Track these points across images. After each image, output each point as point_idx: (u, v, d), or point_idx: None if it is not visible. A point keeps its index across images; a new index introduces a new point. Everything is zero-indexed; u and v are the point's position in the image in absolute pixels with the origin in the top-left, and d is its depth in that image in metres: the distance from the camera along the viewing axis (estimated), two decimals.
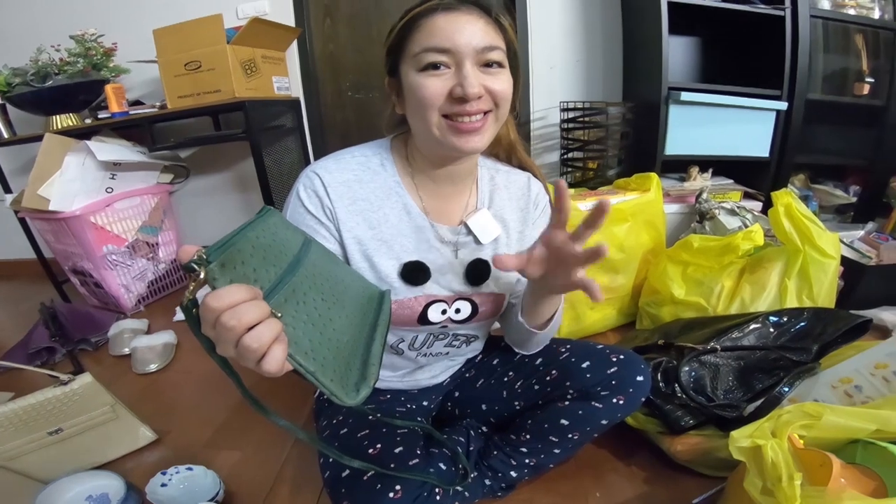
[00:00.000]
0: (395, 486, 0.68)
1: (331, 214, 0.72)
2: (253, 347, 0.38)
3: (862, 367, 0.90)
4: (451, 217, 0.80)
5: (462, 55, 0.63)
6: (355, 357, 0.52)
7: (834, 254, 1.23)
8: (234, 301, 0.38)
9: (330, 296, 0.53)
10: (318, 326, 0.48)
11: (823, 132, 2.07)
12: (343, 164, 0.74)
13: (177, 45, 1.64)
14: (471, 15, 0.65)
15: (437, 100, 0.64)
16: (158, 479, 0.87)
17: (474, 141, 0.67)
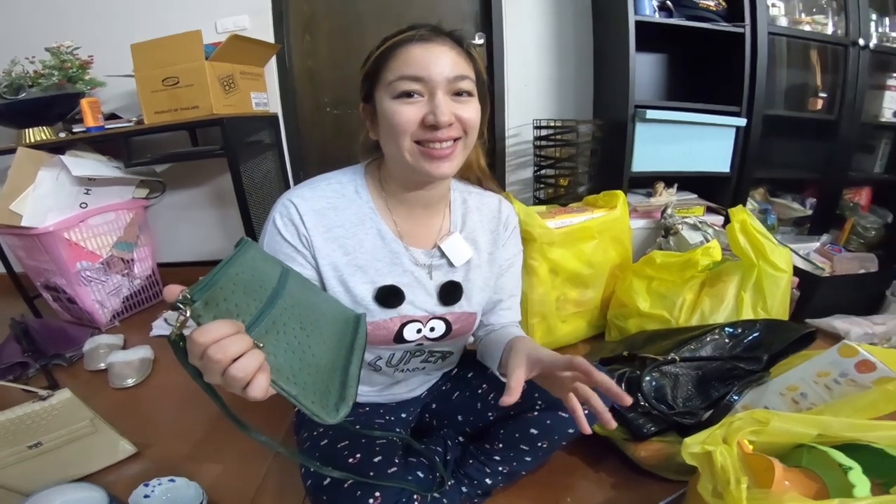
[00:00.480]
0: (375, 493, 0.71)
1: (307, 242, 0.75)
2: (239, 377, 0.42)
3: (807, 376, 0.95)
4: (425, 240, 0.83)
5: (434, 84, 0.67)
6: (334, 379, 0.56)
7: (786, 267, 1.31)
8: (219, 336, 0.42)
9: (308, 324, 0.57)
10: (298, 353, 0.52)
11: (781, 147, 2.18)
12: (318, 192, 0.77)
13: (155, 61, 1.65)
14: (443, 46, 0.69)
15: (410, 126, 0.68)
16: (141, 490, 0.88)
17: (444, 167, 0.71)
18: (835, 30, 1.96)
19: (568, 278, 1.48)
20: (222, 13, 2.00)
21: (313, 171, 2.18)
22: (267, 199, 2.00)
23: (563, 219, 1.48)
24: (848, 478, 0.72)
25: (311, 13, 2.06)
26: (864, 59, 1.91)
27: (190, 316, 0.42)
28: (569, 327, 1.56)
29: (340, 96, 2.17)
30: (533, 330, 1.47)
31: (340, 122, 2.21)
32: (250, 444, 1.08)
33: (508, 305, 0.95)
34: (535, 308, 1.45)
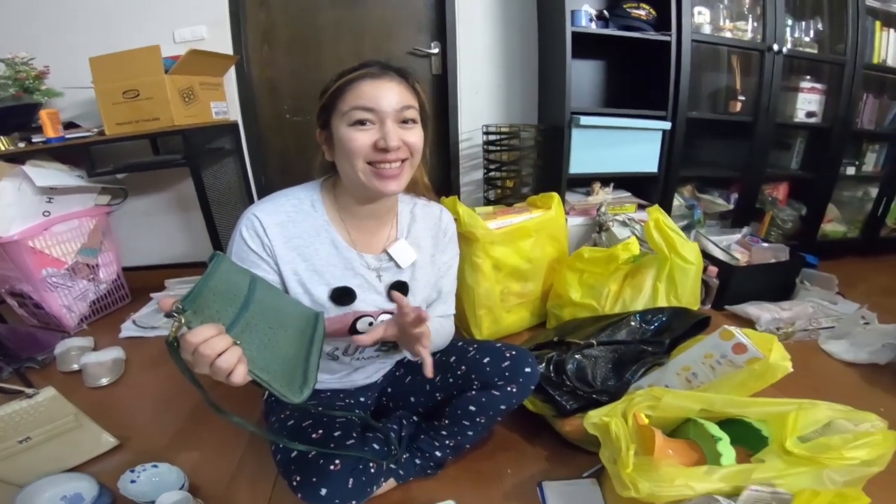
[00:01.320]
0: (335, 461, 0.84)
1: (270, 251, 0.86)
2: (224, 367, 0.55)
3: (696, 357, 1.07)
4: (375, 247, 0.96)
5: (384, 114, 0.79)
6: (298, 367, 0.69)
7: (694, 260, 1.49)
8: (207, 336, 0.54)
9: (275, 323, 0.70)
10: (268, 347, 0.65)
11: (705, 147, 2.37)
12: (279, 207, 0.88)
13: (114, 74, 1.71)
14: (391, 81, 0.81)
15: (364, 149, 0.80)
16: (128, 476, 0.97)
17: (393, 185, 0.83)
18: (753, 36, 2.12)
19: (510, 273, 1.63)
20: (180, 23, 2.05)
21: (275, 176, 2.31)
22: (229, 203, 2.08)
23: (504, 219, 1.63)
24: (717, 448, 0.85)
25: (269, 24, 2.14)
26: (779, 64, 2.09)
27: (182, 322, 0.54)
28: (513, 317, 1.72)
29: (300, 104, 2.26)
30: (480, 321, 1.62)
31: (300, 129, 2.30)
32: (225, 434, 1.20)
33: (443, 300, 1.08)
34: (481, 301, 1.59)
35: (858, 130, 2.38)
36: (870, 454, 0.78)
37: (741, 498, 0.75)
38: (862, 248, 2.60)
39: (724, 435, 0.87)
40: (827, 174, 2.36)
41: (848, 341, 1.60)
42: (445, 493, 0.99)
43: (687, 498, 0.76)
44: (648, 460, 0.82)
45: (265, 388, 0.62)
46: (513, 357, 0.99)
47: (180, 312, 0.54)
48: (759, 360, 0.96)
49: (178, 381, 1.45)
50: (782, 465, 0.79)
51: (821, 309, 1.83)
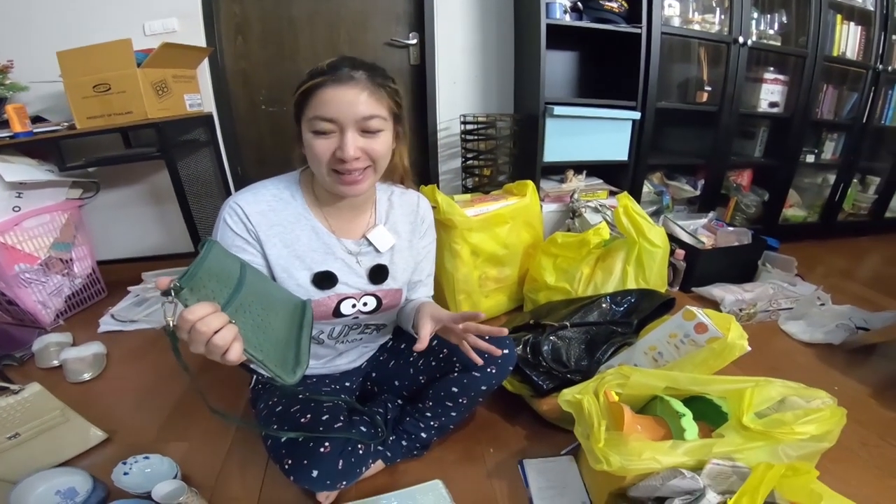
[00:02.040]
0: (325, 444, 0.88)
1: (254, 235, 0.90)
2: (219, 345, 0.57)
3: (662, 337, 1.12)
4: (354, 232, 0.99)
5: (344, 124, 0.80)
6: (290, 348, 0.72)
7: (661, 244, 1.56)
8: (203, 314, 0.56)
9: (266, 305, 0.73)
10: (261, 328, 0.68)
11: (673, 135, 2.46)
12: (259, 197, 0.91)
13: (83, 68, 1.67)
14: (356, 88, 0.79)
15: (324, 157, 0.82)
16: (120, 468, 0.98)
17: (356, 189, 0.86)
18: (720, 28, 2.19)
19: (487, 259, 1.68)
20: (150, 16, 2.01)
21: (251, 167, 2.30)
22: (205, 194, 2.06)
23: (481, 207, 1.67)
24: (680, 423, 0.90)
25: (242, 16, 2.11)
26: (744, 56, 2.17)
27: (178, 299, 0.56)
28: (491, 302, 1.77)
29: (275, 95, 2.24)
30: (459, 305, 1.67)
31: (275, 120, 2.28)
32: (212, 423, 1.21)
33: (424, 283, 1.13)
34: (460, 286, 1.64)
35: (818, 120, 2.49)
36: (818, 429, 0.83)
37: (704, 472, 0.80)
38: (820, 231, 2.75)
39: (687, 411, 0.92)
40: (788, 162, 2.48)
41: (805, 322, 1.70)
42: (431, 473, 1.04)
43: (654, 471, 0.82)
44: (618, 435, 0.86)
45: (258, 369, 0.65)
46: (491, 339, 1.01)
47: (177, 290, 0.56)
48: (719, 339, 1.01)
49: (160, 373, 1.48)
50: (740, 440, 0.84)
51: (781, 290, 1.93)
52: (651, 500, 0.83)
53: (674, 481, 0.78)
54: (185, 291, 0.56)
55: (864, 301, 1.90)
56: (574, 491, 1.01)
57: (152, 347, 1.64)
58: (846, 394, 0.96)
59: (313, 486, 0.88)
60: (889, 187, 2.78)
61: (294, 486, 0.97)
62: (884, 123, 2.62)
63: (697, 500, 0.76)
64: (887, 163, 2.75)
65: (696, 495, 0.77)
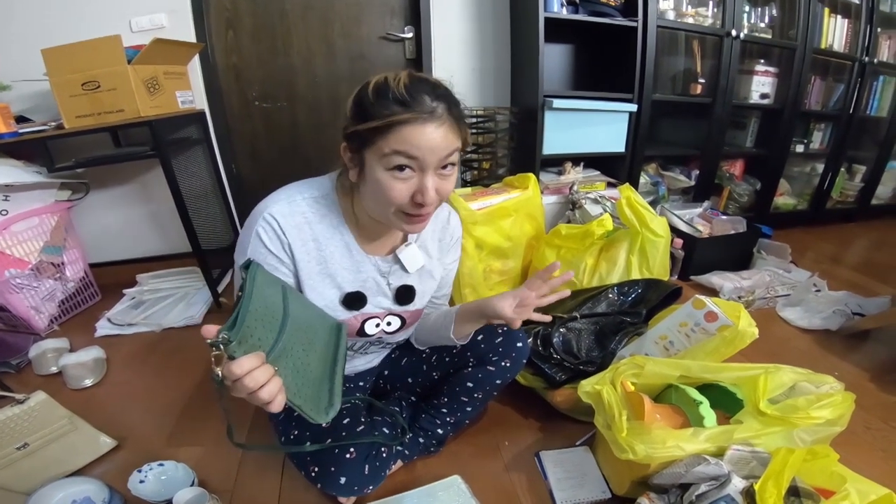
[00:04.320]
0: (350, 449, 0.87)
1: (289, 252, 0.83)
2: (265, 399, 0.57)
3: (672, 326, 1.13)
4: (384, 249, 0.93)
5: (426, 164, 0.72)
6: (324, 386, 0.70)
7: (663, 233, 1.58)
8: (250, 368, 0.55)
9: (306, 342, 0.70)
10: (302, 372, 0.66)
11: (668, 127, 2.49)
12: (295, 208, 0.83)
13: (71, 66, 1.62)
14: (441, 127, 0.71)
15: (400, 201, 0.75)
16: (136, 476, 0.96)
17: (419, 227, 0.81)
18: (713, 21, 2.22)
19: (491, 251, 1.69)
20: (137, 11, 1.95)
21: (245, 163, 2.27)
22: (200, 193, 2.02)
23: (484, 200, 1.67)
24: (699, 411, 0.91)
25: (233, 10, 2.06)
26: (736, 48, 2.20)
27: (226, 352, 0.54)
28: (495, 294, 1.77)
29: (268, 91, 2.20)
30: (465, 300, 1.65)
31: (268, 115, 2.25)
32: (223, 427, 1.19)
33: (443, 302, 1.11)
34: (465, 280, 1.63)
35: (807, 111, 2.54)
36: (832, 413, 0.85)
37: (725, 458, 0.81)
38: (810, 218, 2.81)
39: (704, 399, 0.94)
40: (778, 151, 2.53)
41: (802, 308, 1.74)
42: (449, 469, 1.04)
43: (678, 458, 0.83)
44: (640, 425, 0.87)
45: (297, 411, 0.63)
46: (505, 333, 1.01)
47: (226, 344, 0.53)
48: (729, 328, 1.03)
49: (165, 377, 1.45)
50: (758, 426, 0.86)
51: (776, 277, 1.97)
52: (675, 486, 0.84)
53: (699, 468, 0.79)
54: (233, 345, 0.54)
55: (854, 286, 1.94)
56: (593, 481, 1.02)
57: (153, 351, 1.61)
58: (846, 379, 0.98)
59: (341, 492, 0.88)
60: (874, 175, 2.85)
61: (314, 487, 0.96)
62: (869, 114, 2.69)
63: (723, 485, 0.77)
64: (872, 152, 2.82)
65: (721, 480, 0.78)
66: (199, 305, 1.87)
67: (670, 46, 2.30)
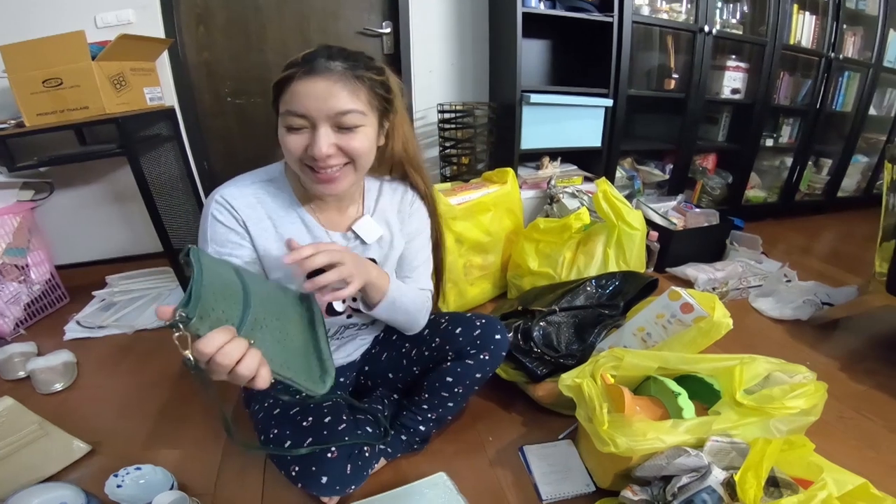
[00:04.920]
0: (332, 449, 0.85)
1: (244, 227, 0.84)
2: (245, 375, 0.53)
3: (649, 318, 1.15)
4: (342, 225, 0.94)
5: (316, 119, 0.74)
6: (310, 356, 0.67)
7: (639, 226, 1.60)
8: (220, 343, 0.51)
9: (279, 313, 0.67)
10: (282, 342, 0.63)
11: (642, 122, 2.53)
12: (244, 189, 0.85)
13: (31, 62, 1.55)
14: (328, 81, 0.73)
15: (296, 153, 0.77)
16: (112, 481, 0.94)
17: (332, 187, 0.80)
18: (686, 17, 2.25)
19: (471, 246, 1.69)
20: (102, 7, 1.88)
21: (218, 161, 2.22)
22: (171, 191, 1.97)
23: (463, 195, 1.67)
24: (678, 402, 0.92)
25: (204, 5, 2.00)
26: (709, 44, 2.23)
27: (188, 331, 0.49)
28: (476, 290, 1.78)
29: (241, 87, 2.15)
30: (446, 295, 1.67)
31: (243, 112, 2.20)
32: (201, 429, 1.17)
33: (415, 278, 1.04)
34: (446, 275, 1.60)
35: (776, 106, 2.60)
36: (806, 403, 0.87)
37: (705, 449, 0.83)
38: (780, 211, 2.89)
39: (682, 390, 0.95)
40: (749, 145, 2.58)
41: (774, 299, 1.78)
42: (434, 467, 1.03)
43: (659, 450, 0.84)
44: (620, 417, 0.88)
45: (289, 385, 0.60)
46: (483, 325, 1.01)
47: (185, 322, 0.49)
48: (705, 319, 1.05)
49: (139, 379, 1.41)
50: (735, 417, 0.87)
51: (749, 268, 2.01)
52: (657, 479, 0.85)
53: (679, 460, 0.80)
54: (194, 322, 0.50)
55: (823, 276, 2.01)
56: (577, 474, 1.03)
57: (126, 353, 1.56)
58: (818, 369, 1.00)
59: (322, 492, 0.86)
60: (840, 168, 2.94)
61: (296, 487, 0.95)
62: (835, 109, 2.77)
63: (704, 477, 0.77)
64: (838, 146, 2.90)
65: (702, 472, 0.78)
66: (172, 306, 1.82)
67: (645, 42, 2.32)
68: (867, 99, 2.76)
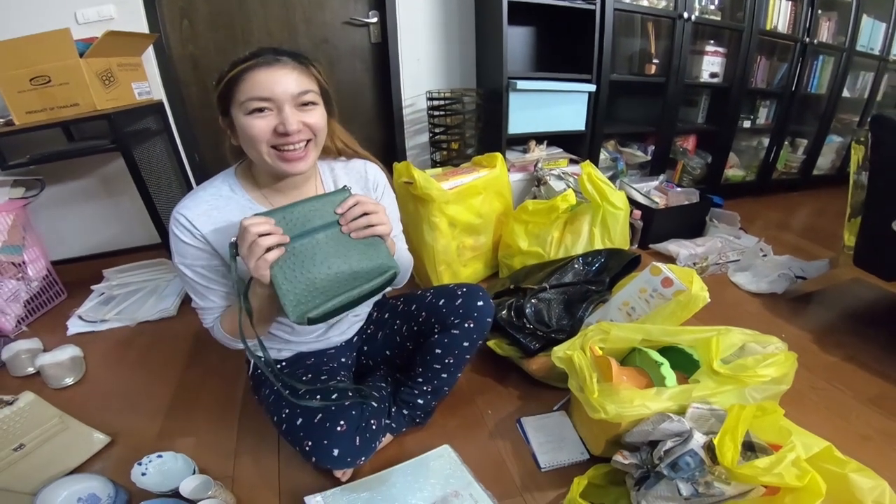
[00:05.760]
0: (340, 422, 0.90)
1: (203, 241, 0.88)
2: (261, 245, 0.72)
3: (633, 293, 1.20)
4: None
5: (281, 101, 0.80)
6: (318, 298, 0.77)
7: (622, 206, 1.67)
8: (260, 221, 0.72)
9: (321, 259, 0.80)
10: (300, 268, 0.77)
11: (624, 106, 2.59)
12: (198, 200, 0.89)
13: (16, 61, 1.55)
14: (285, 68, 0.81)
15: (264, 136, 0.82)
16: (137, 469, 0.97)
17: (300, 165, 0.86)
18: (667, 4, 2.29)
19: (464, 229, 1.75)
20: (83, 3, 1.86)
21: (209, 152, 2.23)
22: (164, 183, 1.98)
23: (455, 179, 1.72)
24: (661, 371, 0.98)
25: None
26: (688, 30, 2.29)
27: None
28: (469, 270, 1.85)
29: None
30: (441, 276, 1.73)
31: None
32: (214, 415, 1.23)
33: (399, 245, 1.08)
34: (440, 257, 1.70)
35: (753, 89, 2.68)
36: (777, 371, 0.94)
37: (687, 415, 0.89)
38: (758, 189, 2.99)
39: (664, 360, 1.01)
40: (727, 127, 2.67)
41: (751, 273, 1.87)
42: (438, 440, 1.10)
43: (645, 416, 0.90)
44: (609, 386, 0.94)
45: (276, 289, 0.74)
46: (464, 294, 1.05)
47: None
48: (684, 292, 1.11)
49: (147, 370, 1.46)
50: (713, 385, 0.93)
51: (728, 243, 2.10)
52: (645, 444, 0.92)
53: (664, 425, 0.87)
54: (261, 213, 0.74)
55: (798, 250, 2.11)
56: (571, 443, 1.10)
57: (130, 346, 1.60)
58: (791, 341, 1.06)
59: (335, 464, 0.91)
60: (815, 148, 3.04)
61: (310, 465, 1.01)
62: (809, 91, 2.86)
63: (686, 441, 0.83)
64: (813, 126, 3.00)
65: (684, 437, 0.85)
66: (172, 297, 1.85)
67: (626, 28, 2.38)
68: (841, 82, 2.85)
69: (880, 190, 1.37)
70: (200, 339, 1.60)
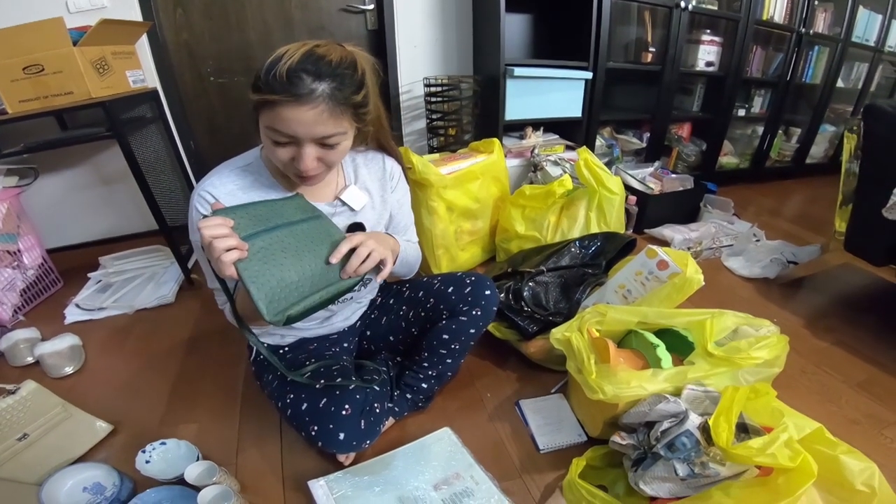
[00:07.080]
0: (345, 406, 0.92)
1: None
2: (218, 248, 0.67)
3: (629, 275, 1.23)
4: (326, 195, 0.98)
5: (302, 141, 0.78)
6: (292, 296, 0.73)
7: (618, 191, 1.68)
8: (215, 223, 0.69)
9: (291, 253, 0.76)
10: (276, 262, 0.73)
11: (620, 93, 2.59)
12: (224, 179, 0.89)
13: (8, 50, 1.52)
14: (315, 108, 0.74)
15: (283, 161, 0.81)
16: (141, 457, 0.98)
17: (312, 181, 0.86)
18: None
19: (461, 213, 1.76)
20: None
21: (204, 139, 2.21)
22: (159, 171, 1.97)
23: (453, 165, 1.73)
24: (656, 353, 1.00)
25: None
26: (685, 19, 2.29)
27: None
28: (467, 254, 1.86)
29: (223, 66, 2.14)
30: (439, 260, 1.74)
31: (226, 90, 2.19)
32: (216, 401, 1.24)
33: (404, 232, 1.12)
34: (438, 241, 1.71)
35: (748, 78, 2.69)
36: (769, 353, 0.96)
37: (682, 397, 0.91)
38: (751, 176, 3.02)
39: (660, 342, 1.03)
40: (722, 115, 2.68)
41: (744, 258, 1.90)
42: (438, 423, 1.12)
43: (641, 397, 0.92)
44: (606, 367, 0.96)
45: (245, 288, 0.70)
46: (473, 283, 1.06)
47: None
48: (679, 275, 1.13)
49: (147, 358, 1.46)
50: (707, 367, 0.95)
51: (721, 229, 2.13)
52: (641, 425, 0.93)
53: (660, 406, 0.89)
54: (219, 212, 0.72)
55: (790, 236, 2.14)
56: (569, 425, 1.12)
57: (128, 333, 1.60)
58: (783, 325, 1.06)
59: (340, 448, 0.93)
60: (809, 137, 3.07)
61: (313, 450, 1.04)
62: (804, 81, 2.87)
63: (682, 422, 0.85)
64: (807, 116, 3.02)
65: (680, 417, 0.86)
66: (170, 284, 1.85)
67: (623, 17, 2.37)
68: (835, 72, 2.86)
69: (871, 178, 1.39)
70: (200, 326, 1.60)
